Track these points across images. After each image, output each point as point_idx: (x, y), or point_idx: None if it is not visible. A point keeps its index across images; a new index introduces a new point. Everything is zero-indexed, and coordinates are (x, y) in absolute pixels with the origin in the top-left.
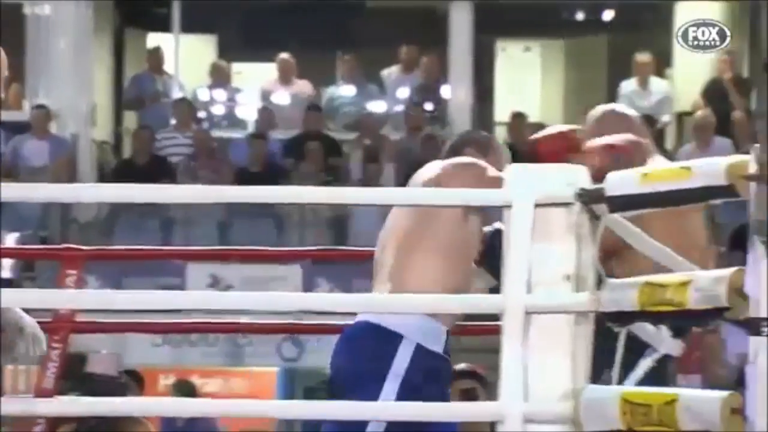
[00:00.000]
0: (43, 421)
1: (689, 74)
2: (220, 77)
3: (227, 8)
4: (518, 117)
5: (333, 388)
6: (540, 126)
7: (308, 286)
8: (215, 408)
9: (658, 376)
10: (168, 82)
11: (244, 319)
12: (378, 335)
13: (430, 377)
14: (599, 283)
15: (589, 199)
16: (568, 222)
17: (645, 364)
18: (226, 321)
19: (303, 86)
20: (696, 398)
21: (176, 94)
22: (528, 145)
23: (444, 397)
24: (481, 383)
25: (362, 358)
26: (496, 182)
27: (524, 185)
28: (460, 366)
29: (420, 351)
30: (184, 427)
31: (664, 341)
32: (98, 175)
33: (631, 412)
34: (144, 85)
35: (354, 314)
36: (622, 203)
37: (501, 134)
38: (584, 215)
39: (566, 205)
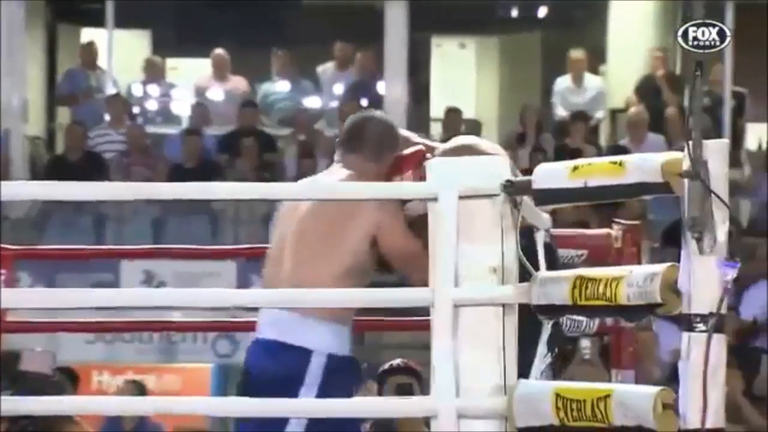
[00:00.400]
0: None
1: (623, 71)
2: (154, 73)
3: (161, 3)
4: (453, 113)
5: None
6: (475, 122)
7: (242, 283)
8: (151, 405)
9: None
10: (101, 78)
11: (176, 316)
12: (287, 354)
13: (345, 381)
14: (527, 275)
15: (515, 191)
16: (493, 214)
17: (546, 333)
18: (161, 319)
19: (237, 82)
20: (629, 393)
21: (110, 90)
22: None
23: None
24: (417, 379)
25: (275, 376)
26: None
27: (448, 178)
28: (396, 361)
29: (332, 360)
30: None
31: None
32: (30, 171)
33: (565, 408)
34: (77, 81)
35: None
36: (549, 196)
37: (436, 130)
38: (507, 206)
39: (490, 196)
